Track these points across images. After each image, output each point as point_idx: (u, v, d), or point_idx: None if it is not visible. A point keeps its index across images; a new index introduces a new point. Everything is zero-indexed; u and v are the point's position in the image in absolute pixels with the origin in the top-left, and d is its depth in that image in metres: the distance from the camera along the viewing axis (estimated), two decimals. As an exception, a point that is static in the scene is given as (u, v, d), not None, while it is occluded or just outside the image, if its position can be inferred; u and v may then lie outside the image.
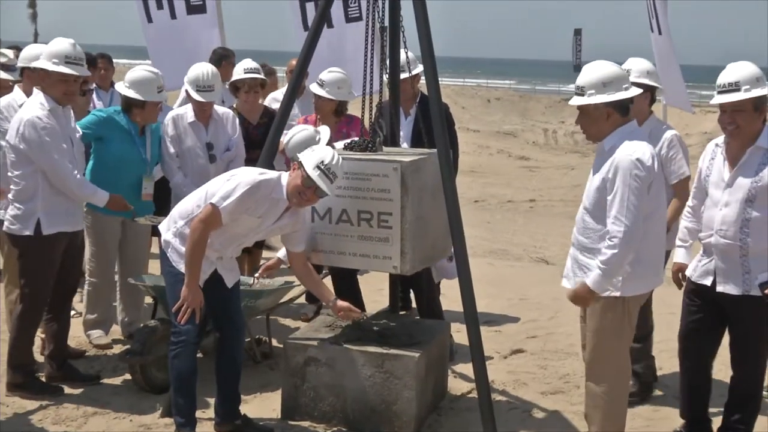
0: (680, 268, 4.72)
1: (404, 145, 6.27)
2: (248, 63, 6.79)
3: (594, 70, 4.17)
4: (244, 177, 4.47)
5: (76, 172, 5.15)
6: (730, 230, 4.31)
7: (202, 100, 6.07)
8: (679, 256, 4.72)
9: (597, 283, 4.09)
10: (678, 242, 4.73)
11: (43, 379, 5.38)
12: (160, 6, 8.72)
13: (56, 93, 5.12)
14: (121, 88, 5.82)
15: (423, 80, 5.42)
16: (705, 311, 4.58)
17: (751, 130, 4.30)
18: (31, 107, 5.09)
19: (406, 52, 5.72)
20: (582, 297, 4.17)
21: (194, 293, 4.49)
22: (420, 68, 6.50)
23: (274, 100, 7.87)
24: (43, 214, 5.07)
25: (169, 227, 4.68)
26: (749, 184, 4.25)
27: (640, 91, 4.37)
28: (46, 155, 5.01)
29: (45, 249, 5.11)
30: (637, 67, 5.29)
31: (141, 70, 5.86)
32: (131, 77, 5.78)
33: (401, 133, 6.24)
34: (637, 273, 4.20)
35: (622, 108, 4.18)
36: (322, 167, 4.39)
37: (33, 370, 5.30)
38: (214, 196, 4.42)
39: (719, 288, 4.42)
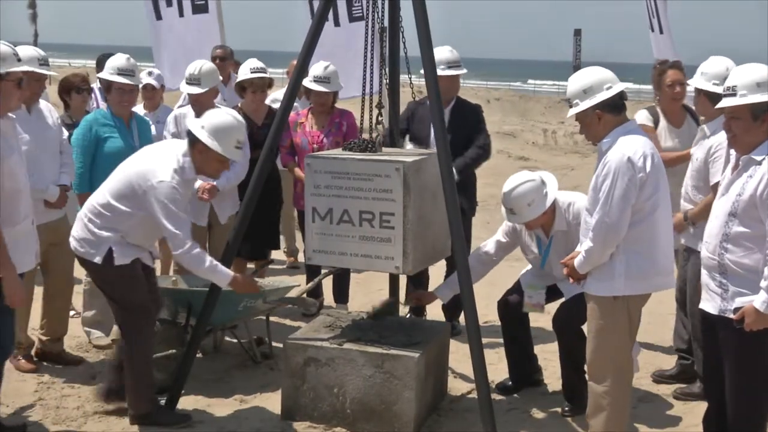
0: None
1: None
2: (254, 63, 6.76)
3: (574, 81, 4.30)
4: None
5: None
6: (712, 244, 4.00)
7: (191, 91, 6.25)
8: None
9: (579, 266, 4.31)
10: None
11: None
12: (169, 3, 8.78)
13: None
14: (104, 74, 5.97)
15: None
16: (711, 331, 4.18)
17: (748, 140, 3.89)
18: None
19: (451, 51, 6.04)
20: (572, 271, 4.38)
21: None
22: (462, 70, 6.46)
23: (274, 100, 7.87)
24: None
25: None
26: (734, 196, 3.92)
27: (624, 86, 4.26)
28: None
29: None
30: (710, 71, 5.04)
31: (118, 55, 6.03)
32: (108, 63, 5.95)
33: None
34: (634, 272, 4.20)
35: (612, 107, 4.22)
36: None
37: None
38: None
39: (701, 305, 4.11)
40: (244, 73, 6.74)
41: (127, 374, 4.79)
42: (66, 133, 5.68)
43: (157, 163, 4.58)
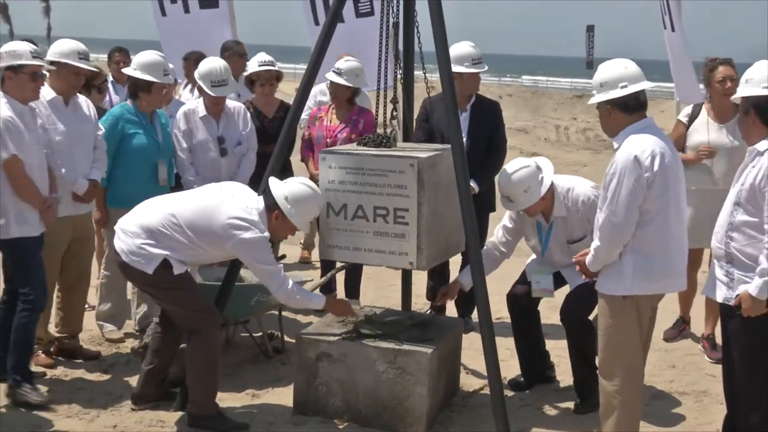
0: None
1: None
2: (262, 56, 6.78)
3: (599, 71, 4.32)
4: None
5: None
6: (719, 233, 4.07)
7: (216, 95, 6.09)
8: None
9: (589, 265, 4.33)
10: None
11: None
12: (173, 0, 8.76)
13: None
14: (130, 70, 5.91)
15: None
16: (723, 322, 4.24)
17: (747, 132, 4.06)
18: None
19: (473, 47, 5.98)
20: (584, 269, 4.41)
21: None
22: (485, 67, 6.38)
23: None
24: None
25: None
26: (739, 186, 4.01)
27: (645, 86, 4.24)
28: None
29: None
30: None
31: (149, 53, 5.93)
32: (140, 60, 5.86)
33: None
34: (643, 273, 4.19)
35: (623, 106, 4.22)
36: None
37: None
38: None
39: (705, 290, 4.19)
40: (253, 66, 6.76)
41: (193, 375, 4.77)
42: (102, 129, 5.68)
43: (240, 216, 4.59)
